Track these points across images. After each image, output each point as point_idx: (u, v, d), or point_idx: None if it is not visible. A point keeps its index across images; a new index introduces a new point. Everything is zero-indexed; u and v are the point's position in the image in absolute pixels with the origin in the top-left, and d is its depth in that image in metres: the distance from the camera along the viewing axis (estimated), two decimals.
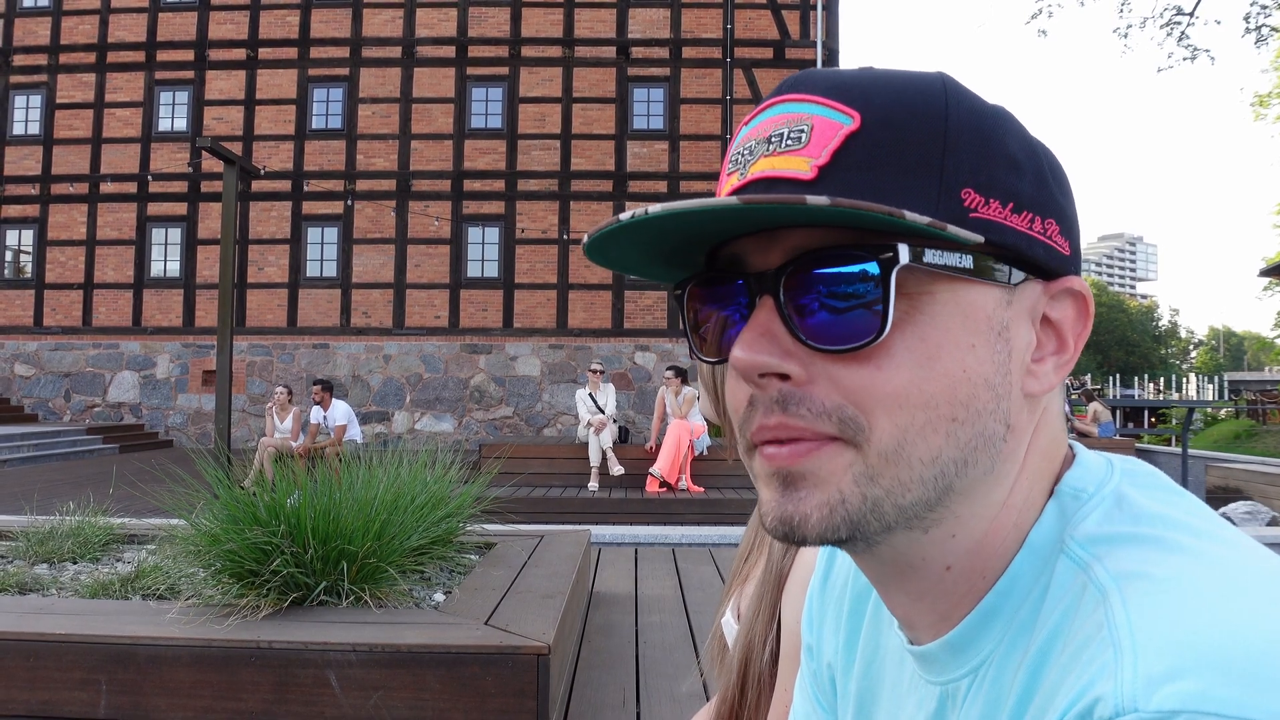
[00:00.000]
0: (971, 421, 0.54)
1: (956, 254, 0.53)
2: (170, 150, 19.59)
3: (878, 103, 0.54)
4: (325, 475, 3.66)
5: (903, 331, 0.53)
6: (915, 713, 0.63)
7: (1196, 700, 0.42)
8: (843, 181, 0.53)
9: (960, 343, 0.53)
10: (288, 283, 19.40)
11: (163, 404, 19.23)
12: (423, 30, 19.74)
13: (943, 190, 0.53)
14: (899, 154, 0.53)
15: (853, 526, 0.54)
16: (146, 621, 3.05)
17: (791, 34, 19.78)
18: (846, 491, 0.54)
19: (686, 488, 10.98)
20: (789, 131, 0.55)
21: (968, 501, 0.56)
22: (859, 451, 0.53)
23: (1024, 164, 0.56)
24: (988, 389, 0.54)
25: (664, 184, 19.47)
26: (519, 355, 19.18)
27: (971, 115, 0.55)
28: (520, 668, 2.82)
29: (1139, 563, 0.51)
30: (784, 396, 0.54)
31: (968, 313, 0.54)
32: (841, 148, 0.53)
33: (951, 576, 0.58)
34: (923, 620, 0.61)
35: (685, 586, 5.28)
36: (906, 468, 0.53)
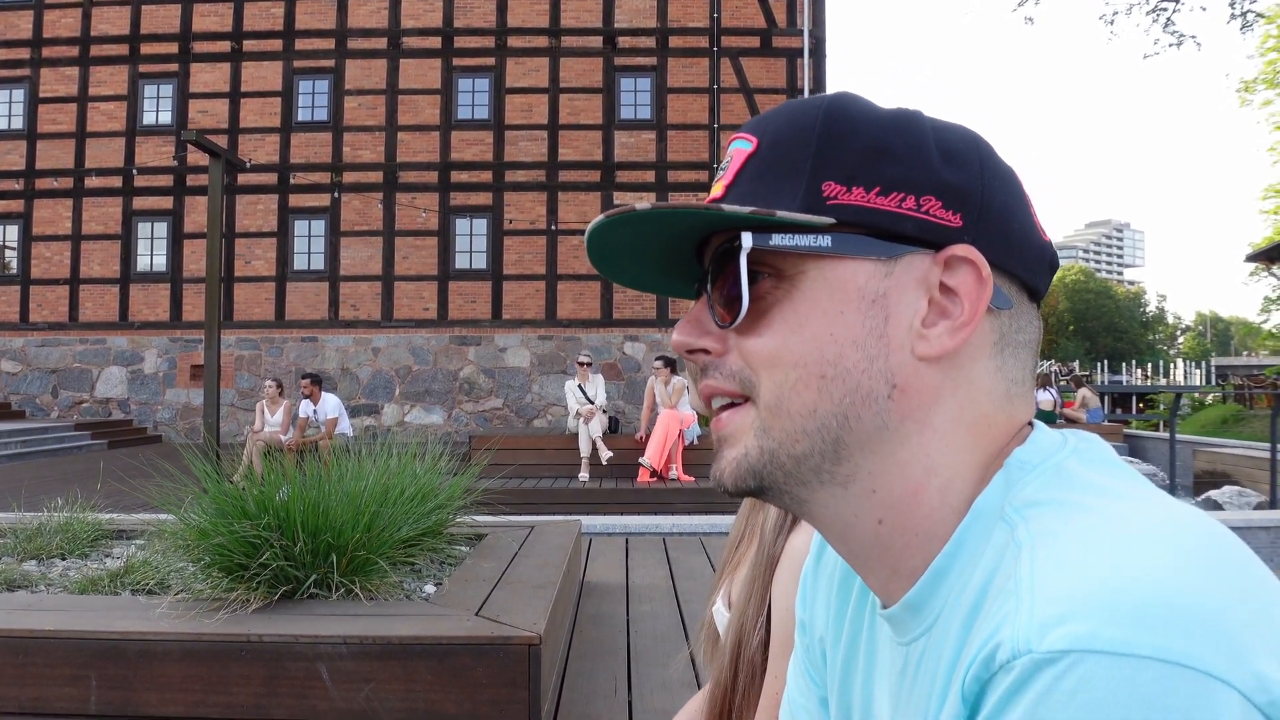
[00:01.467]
0: (841, 378, 0.62)
1: (811, 236, 0.62)
2: (155, 144, 19.48)
3: (770, 128, 0.67)
4: (315, 468, 3.66)
5: (780, 305, 0.63)
6: (889, 672, 0.69)
7: (1085, 640, 0.46)
8: (737, 194, 0.66)
9: (828, 311, 0.62)
10: (275, 276, 19.33)
11: (151, 399, 19.16)
12: (408, 21, 19.65)
13: (809, 186, 0.63)
14: (776, 165, 0.65)
15: (758, 477, 0.65)
16: (136, 616, 3.04)
17: (778, 22, 19.76)
18: (749, 445, 0.65)
19: (677, 477, 10.99)
20: (725, 163, 0.69)
21: (871, 456, 0.63)
22: (756, 408, 0.64)
23: (900, 152, 0.63)
24: (856, 349, 0.62)
25: (651, 173, 19.46)
26: (508, 347, 19.16)
27: (842, 123, 0.64)
28: (512, 658, 2.81)
29: (1055, 522, 0.56)
30: (705, 366, 0.67)
31: (835, 285, 0.62)
32: (741, 168, 0.67)
33: (886, 531, 0.64)
34: (878, 577, 0.67)
35: (676, 575, 5.28)
36: (788, 419, 0.63)
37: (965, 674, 0.52)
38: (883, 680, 0.71)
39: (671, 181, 19.43)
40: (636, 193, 19.41)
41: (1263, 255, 24.15)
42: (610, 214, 0.63)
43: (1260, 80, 30.23)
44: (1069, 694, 0.46)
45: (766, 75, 19.68)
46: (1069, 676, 0.46)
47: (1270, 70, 29.93)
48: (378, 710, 2.82)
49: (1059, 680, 0.46)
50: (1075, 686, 0.46)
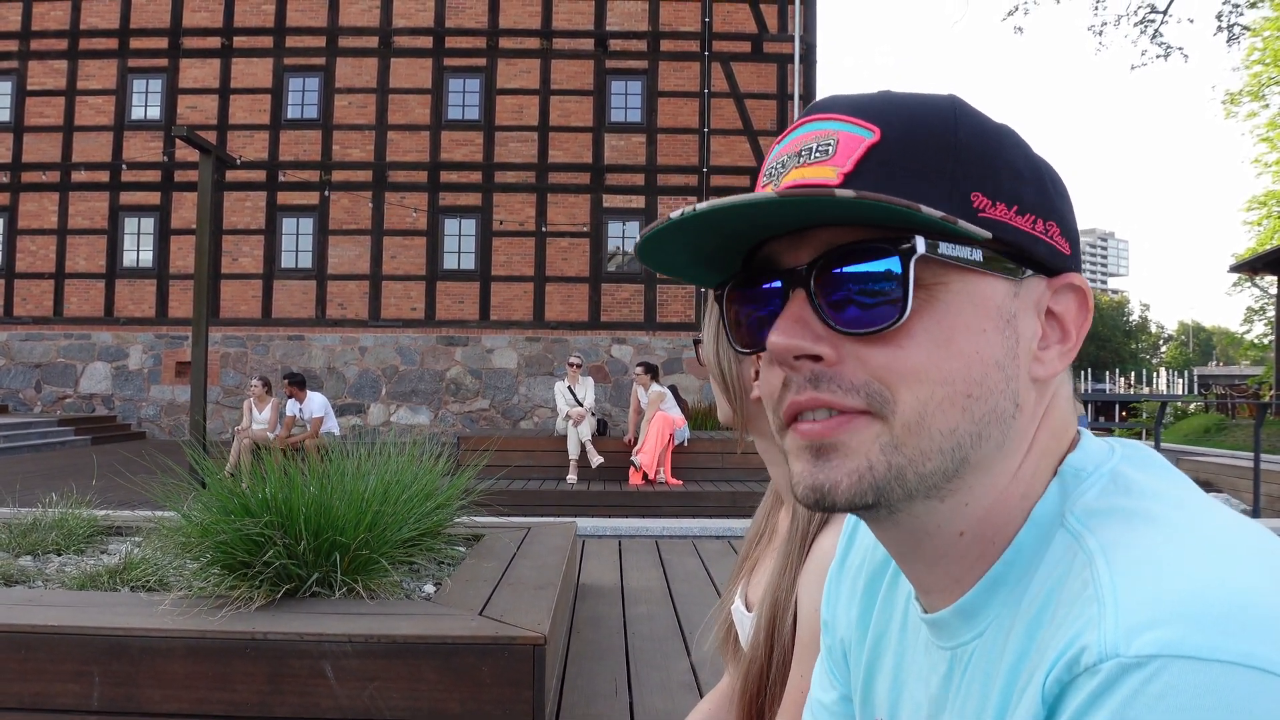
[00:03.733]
0: (984, 398, 0.61)
1: (968, 248, 0.60)
2: (143, 139, 19.39)
3: (895, 119, 0.62)
4: (315, 467, 3.66)
5: (921, 317, 0.60)
6: (929, 676, 0.69)
7: (1172, 646, 0.48)
8: (866, 186, 0.60)
9: (973, 327, 0.61)
10: (262, 274, 19.27)
11: (135, 395, 19.06)
12: (400, 20, 19.62)
13: (954, 193, 0.61)
14: (914, 163, 0.61)
15: (879, 492, 0.61)
16: (139, 613, 3.05)
17: (770, 28, 19.81)
18: (874, 459, 0.61)
19: (665, 480, 11.00)
20: (817, 146, 0.63)
21: (981, 473, 0.62)
22: (885, 423, 0.60)
23: (1026, 174, 0.64)
24: (998, 369, 0.61)
25: (641, 177, 19.48)
26: (496, 348, 19.14)
27: (978, 130, 0.63)
28: (516, 658, 2.83)
29: (1124, 531, 0.57)
30: (816, 375, 0.61)
31: (979, 302, 0.61)
32: (864, 157, 0.61)
33: (964, 541, 0.64)
34: (938, 584, 0.67)
35: (670, 578, 5.30)
36: (927, 438, 0.60)
37: (1045, 677, 0.54)
38: (917, 683, 0.71)
39: (661, 185, 19.45)
40: (626, 195, 19.42)
41: (1246, 266, 24.36)
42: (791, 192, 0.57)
43: (1245, 92, 30.48)
44: (1156, 697, 0.47)
45: (757, 80, 19.73)
46: (1157, 680, 0.47)
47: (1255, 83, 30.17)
48: (381, 709, 2.83)
49: (1147, 684, 0.48)
50: (1163, 690, 0.47)
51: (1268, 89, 29.95)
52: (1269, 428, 17.36)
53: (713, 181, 19.40)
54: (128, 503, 5.36)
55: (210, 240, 12.44)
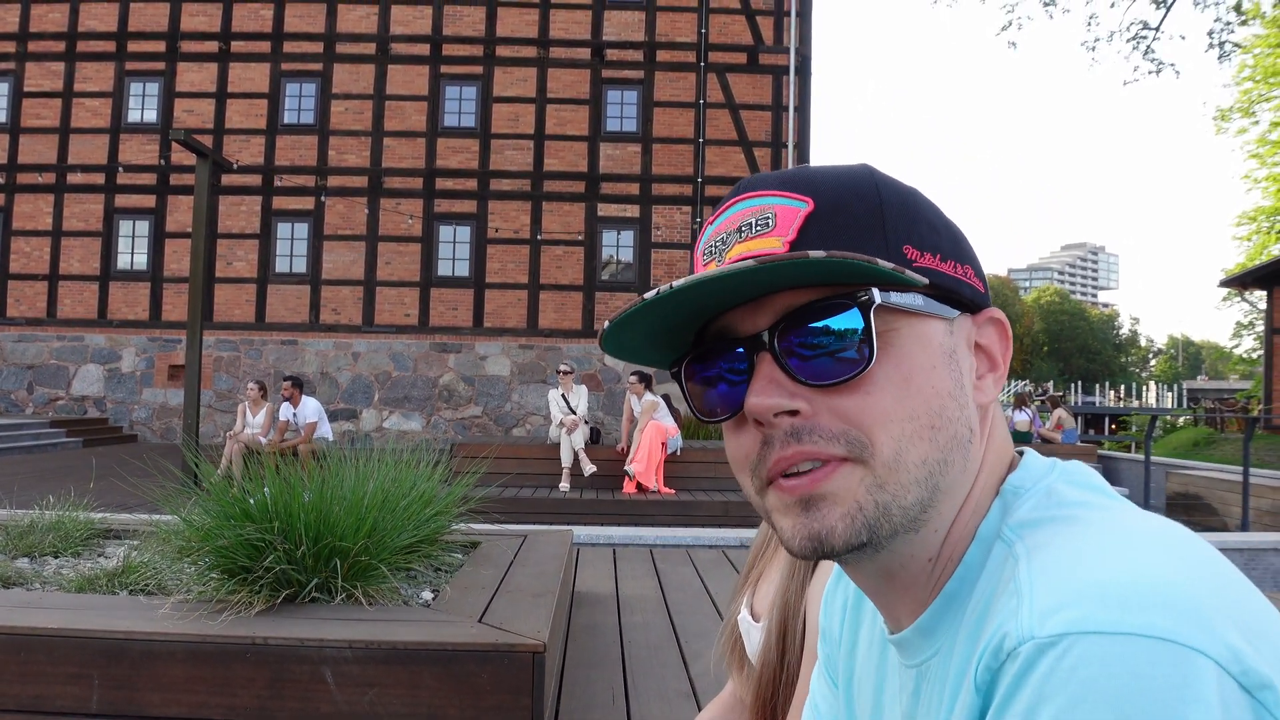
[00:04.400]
0: (945, 427, 0.66)
1: (911, 295, 0.66)
2: (139, 142, 19.38)
3: (824, 189, 0.68)
4: (313, 473, 3.67)
5: (882, 362, 0.65)
6: (900, 695, 0.73)
7: (1079, 623, 0.53)
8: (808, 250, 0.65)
9: (924, 365, 0.67)
10: (256, 278, 19.26)
11: (127, 398, 19.03)
12: (397, 27, 19.66)
13: (889, 248, 0.67)
14: (849, 226, 0.67)
15: (871, 530, 0.65)
16: (139, 617, 3.05)
17: (765, 40, 19.89)
18: (862, 500, 0.65)
19: (658, 489, 11.01)
20: (755, 221, 0.69)
21: (947, 499, 0.68)
22: (866, 466, 0.65)
23: (939, 227, 0.71)
24: (952, 400, 0.67)
25: (636, 186, 19.52)
26: (489, 355, 19.15)
27: (895, 192, 0.70)
28: (516, 665, 2.84)
29: (1048, 535, 0.63)
30: (796, 429, 0.66)
31: (925, 342, 0.67)
32: (804, 225, 0.67)
33: (932, 567, 0.70)
34: (905, 610, 0.72)
35: (665, 587, 5.32)
36: (905, 471, 0.65)
37: (975, 668, 0.59)
38: (893, 703, 0.76)
39: (656, 194, 19.50)
40: (621, 204, 19.47)
41: (1236, 281, 24.48)
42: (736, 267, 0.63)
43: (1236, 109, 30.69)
44: (1069, 671, 0.52)
45: (752, 91, 19.80)
46: (1068, 656, 0.52)
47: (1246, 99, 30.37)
48: (381, 714, 2.84)
49: (1060, 660, 0.52)
50: (1074, 664, 0.52)
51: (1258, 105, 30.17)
52: (1258, 442, 17.44)
53: (707, 192, 19.46)
54: (124, 505, 5.36)
55: (205, 244, 12.44)
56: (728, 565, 6.02)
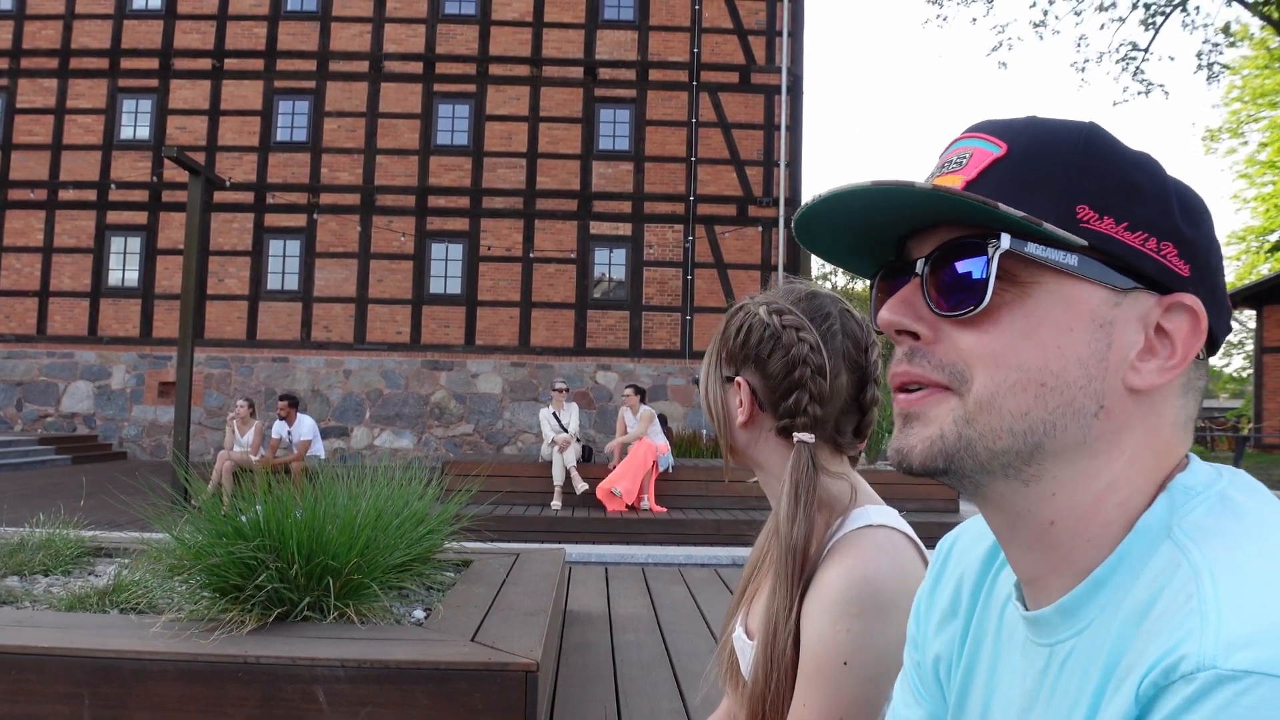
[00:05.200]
0: (1060, 390, 0.66)
1: (1060, 252, 0.66)
2: (132, 159, 19.38)
3: (1024, 138, 0.70)
4: (305, 491, 3.67)
5: (1011, 308, 0.67)
6: (1025, 673, 0.73)
7: (1266, 665, 0.52)
8: (980, 193, 0.67)
9: (1059, 324, 0.67)
10: (248, 295, 19.24)
11: (117, 415, 18.96)
12: (390, 46, 19.72)
13: (1061, 204, 0.67)
14: (1030, 176, 0.68)
15: (948, 459, 0.69)
16: (130, 635, 3.04)
17: (757, 59, 20.00)
18: (946, 430, 0.69)
19: (649, 508, 10.98)
20: (956, 158, 0.72)
21: (1063, 464, 0.68)
22: (961, 399, 0.68)
23: (1149, 196, 0.68)
24: (1079, 367, 0.66)
25: (628, 204, 19.57)
26: (480, 372, 19.14)
27: (1103, 153, 0.69)
28: (509, 684, 2.84)
29: (1231, 552, 0.61)
30: (912, 351, 0.71)
31: (1070, 302, 0.67)
32: (987, 168, 0.69)
33: (1055, 532, 0.69)
34: (1036, 573, 0.72)
35: (657, 606, 5.31)
36: (997, 416, 0.67)
37: (1141, 679, 0.57)
38: (1010, 681, 0.76)
39: (648, 213, 19.55)
40: (613, 222, 19.51)
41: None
42: (879, 183, 0.66)
43: (1225, 129, 30.94)
44: (1248, 710, 0.51)
45: (744, 111, 19.89)
46: (1250, 695, 0.51)
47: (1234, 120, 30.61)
48: None
49: (1240, 696, 0.51)
50: (1254, 704, 0.51)
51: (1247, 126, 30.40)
52: (1248, 460, 17.48)
53: (699, 210, 19.52)
54: (114, 523, 5.34)
55: (197, 261, 12.42)
56: (720, 584, 6.01)
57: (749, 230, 19.65)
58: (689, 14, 20.01)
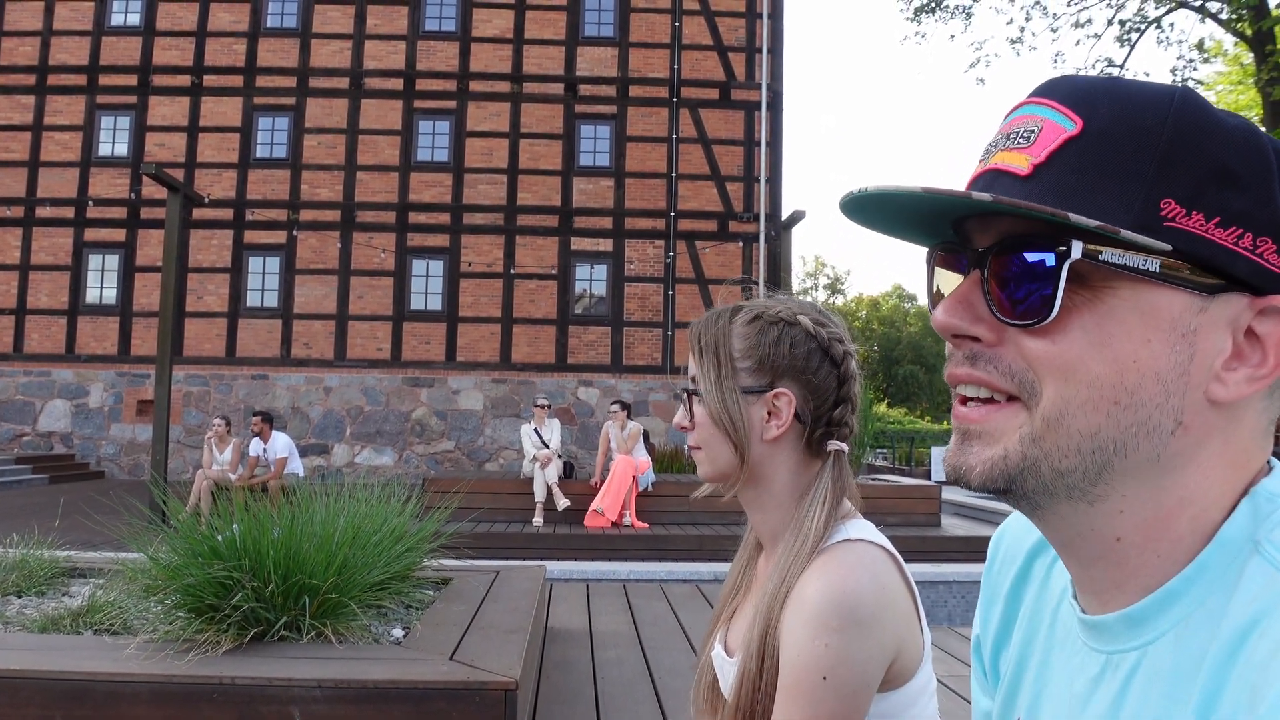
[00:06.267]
0: (1135, 408, 0.60)
1: (1140, 257, 0.59)
2: (110, 176, 19.28)
3: (1104, 111, 0.61)
4: (283, 509, 3.63)
5: (1082, 315, 0.60)
6: (1075, 676, 0.69)
7: None
8: (1052, 180, 0.61)
9: (1135, 336, 0.60)
10: (227, 312, 19.13)
11: (95, 434, 18.80)
12: (370, 62, 19.71)
13: (1144, 198, 0.59)
14: (1109, 161, 0.60)
15: (1010, 480, 0.63)
16: (104, 657, 3.00)
17: (737, 76, 20.09)
18: (1010, 449, 0.63)
19: (631, 524, 10.96)
20: (1024, 130, 0.64)
21: (1133, 483, 0.62)
22: (1029, 414, 0.62)
23: (1246, 181, 0.59)
24: (1156, 382, 0.60)
25: (609, 220, 19.59)
26: (461, 389, 19.08)
27: (1196, 129, 0.60)
28: (488, 703, 2.82)
29: None
30: (974, 354, 0.64)
31: (1148, 311, 0.60)
32: (1058, 150, 0.61)
33: (1122, 548, 0.64)
34: (1096, 585, 0.67)
35: (639, 622, 5.29)
36: (1065, 435, 0.61)
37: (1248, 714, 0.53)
38: (1060, 681, 0.72)
39: (629, 229, 19.57)
40: (594, 238, 19.53)
41: None
42: (934, 190, 0.60)
43: None
44: None
45: (725, 126, 19.97)
46: None
47: None
48: None
49: None
50: None
51: None
52: None
53: (680, 226, 19.56)
54: (89, 543, 5.28)
55: (175, 278, 12.37)
56: (701, 600, 5.99)
57: (730, 246, 19.70)
58: (669, 31, 20.09)
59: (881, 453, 28.41)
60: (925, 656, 1.29)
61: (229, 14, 19.67)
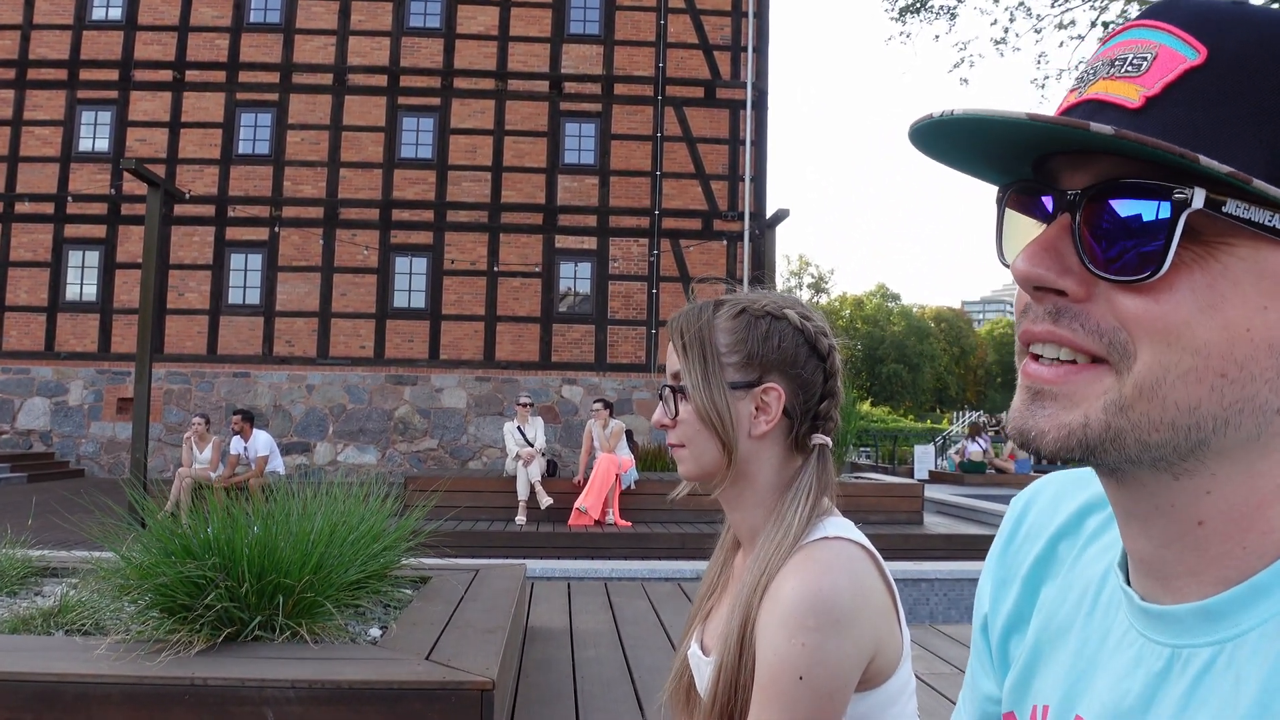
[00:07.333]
0: (1242, 382, 0.53)
1: (1268, 212, 0.51)
2: (90, 171, 19.13)
3: (1233, 39, 0.53)
4: (257, 507, 3.59)
5: (1192, 273, 0.53)
6: (1132, 669, 0.62)
7: None
8: (1168, 116, 0.52)
9: (1251, 301, 0.52)
10: (209, 309, 19.01)
11: (74, 432, 18.66)
12: (354, 59, 19.61)
13: (1275, 141, 0.51)
14: (1239, 96, 0.52)
15: (1087, 450, 0.56)
16: (74, 658, 2.96)
17: (722, 74, 20.08)
18: (1092, 417, 0.55)
19: (614, 522, 10.95)
20: (1132, 57, 0.56)
21: (1226, 462, 0.55)
22: (1118, 378, 0.55)
23: None
24: (1271, 355, 0.53)
25: (593, 218, 19.57)
26: (445, 387, 19.02)
27: None
28: (464, 704, 2.78)
29: None
30: (1058, 310, 0.56)
31: (1267, 274, 0.52)
32: (1177, 81, 0.53)
33: (1204, 533, 0.57)
34: (1167, 570, 0.60)
35: (620, 621, 5.27)
36: (1160, 408, 0.54)
37: None
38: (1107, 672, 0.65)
39: (613, 227, 19.55)
40: (578, 236, 19.50)
41: None
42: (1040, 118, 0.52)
43: None
44: None
45: (709, 125, 19.96)
46: None
47: None
48: None
49: None
50: None
51: None
52: None
53: (664, 224, 19.54)
54: (64, 543, 5.22)
55: (156, 275, 12.28)
56: (683, 598, 5.97)
57: (714, 244, 19.69)
58: (654, 29, 20.06)
59: (865, 451, 28.51)
60: (904, 655, 1.28)
61: (211, 8, 19.54)
